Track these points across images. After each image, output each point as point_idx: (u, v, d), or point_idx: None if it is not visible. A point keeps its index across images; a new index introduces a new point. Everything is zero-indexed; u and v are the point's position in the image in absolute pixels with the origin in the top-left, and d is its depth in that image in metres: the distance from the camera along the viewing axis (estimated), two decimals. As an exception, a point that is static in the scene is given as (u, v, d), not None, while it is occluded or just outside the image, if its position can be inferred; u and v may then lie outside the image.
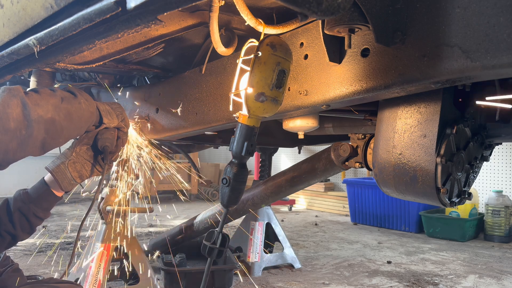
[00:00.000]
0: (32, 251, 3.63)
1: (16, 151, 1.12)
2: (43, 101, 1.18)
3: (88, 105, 1.31)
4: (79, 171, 1.40)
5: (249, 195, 2.28)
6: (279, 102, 1.15)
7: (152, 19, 0.92)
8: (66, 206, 6.12)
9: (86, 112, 1.31)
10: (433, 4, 0.95)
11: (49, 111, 1.18)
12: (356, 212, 5.22)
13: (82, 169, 1.40)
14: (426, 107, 1.24)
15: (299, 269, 3.19)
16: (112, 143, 1.42)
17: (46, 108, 1.17)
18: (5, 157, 1.10)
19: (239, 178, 1.20)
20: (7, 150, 1.09)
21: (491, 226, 4.30)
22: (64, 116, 1.22)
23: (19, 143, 1.11)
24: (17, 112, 1.10)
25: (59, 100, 1.22)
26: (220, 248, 1.23)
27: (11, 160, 1.13)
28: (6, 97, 1.10)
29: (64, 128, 1.23)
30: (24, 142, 1.12)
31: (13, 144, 1.10)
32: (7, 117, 1.08)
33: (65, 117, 1.22)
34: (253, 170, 6.20)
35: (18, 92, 1.13)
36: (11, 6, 1.22)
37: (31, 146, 1.15)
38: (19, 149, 1.12)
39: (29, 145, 1.14)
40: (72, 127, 1.27)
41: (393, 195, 1.39)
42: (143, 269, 2.25)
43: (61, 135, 1.23)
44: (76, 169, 1.39)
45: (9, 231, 1.34)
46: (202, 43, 1.70)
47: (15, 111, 1.10)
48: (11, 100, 1.10)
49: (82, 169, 1.40)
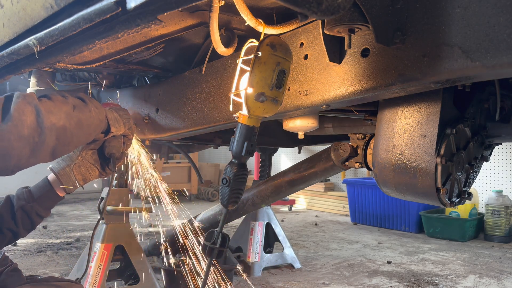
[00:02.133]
0: (32, 251, 3.63)
1: (29, 158, 1.13)
2: (56, 109, 1.19)
3: (98, 113, 1.33)
4: (83, 174, 1.43)
5: (249, 195, 2.28)
6: (279, 102, 1.15)
7: (152, 19, 0.92)
8: (66, 206, 6.12)
9: (96, 120, 1.33)
10: (433, 4, 0.95)
11: (61, 119, 1.19)
12: (356, 212, 5.22)
13: (87, 173, 1.44)
14: (426, 107, 1.24)
15: (299, 269, 3.19)
16: (118, 150, 1.45)
17: (58, 115, 1.19)
18: (18, 163, 1.12)
19: (239, 178, 1.20)
20: (20, 156, 1.11)
21: (491, 226, 4.30)
22: (75, 124, 1.24)
23: (32, 149, 1.12)
24: (31, 119, 1.11)
25: (71, 108, 1.24)
26: (220, 248, 1.23)
27: (23, 166, 1.15)
28: (20, 103, 1.11)
29: (74, 136, 1.24)
30: (36, 149, 1.14)
31: (26, 151, 1.11)
32: (21, 124, 1.09)
33: (75, 125, 1.24)
34: (253, 170, 6.20)
35: (33, 99, 1.14)
36: (11, 6, 1.22)
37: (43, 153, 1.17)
38: (32, 156, 1.14)
39: (41, 152, 1.16)
40: (82, 135, 1.29)
41: (393, 195, 1.39)
42: (143, 269, 2.25)
43: (71, 142, 1.25)
44: (81, 172, 1.42)
45: (11, 228, 1.36)
46: (202, 43, 1.70)
47: (29, 118, 1.11)
48: (25, 107, 1.11)
49: (86, 172, 1.44)
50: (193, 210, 5.69)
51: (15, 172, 1.15)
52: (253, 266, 2.99)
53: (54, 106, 1.19)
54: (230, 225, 4.49)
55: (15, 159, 1.10)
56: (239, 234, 3.19)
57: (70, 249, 3.74)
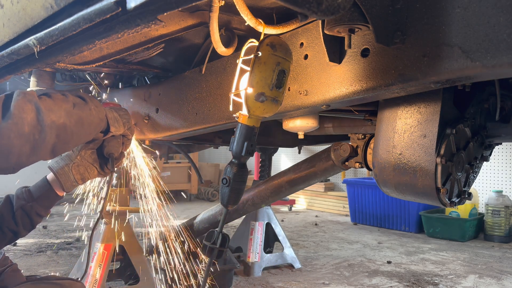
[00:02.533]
0: (32, 251, 3.63)
1: (29, 155, 1.14)
2: (56, 107, 1.19)
3: (98, 111, 1.34)
4: (82, 174, 1.44)
5: (249, 195, 2.28)
6: (279, 102, 1.15)
7: (152, 19, 0.92)
8: (66, 206, 6.11)
9: (96, 118, 1.33)
10: (433, 4, 0.95)
11: (61, 117, 1.19)
12: (356, 212, 5.22)
13: (85, 172, 1.44)
14: (426, 107, 1.24)
15: (299, 269, 3.19)
16: (117, 150, 1.46)
17: (58, 113, 1.19)
18: (18, 160, 1.12)
19: (239, 178, 1.20)
20: (21, 154, 1.11)
21: (491, 226, 4.30)
22: (75, 122, 1.24)
23: (32, 147, 1.13)
24: (31, 116, 1.12)
25: (71, 106, 1.24)
26: (220, 248, 1.23)
27: (23, 164, 1.15)
28: (21, 101, 1.11)
29: (74, 134, 1.25)
30: (37, 147, 1.14)
31: (26, 148, 1.11)
32: (22, 121, 1.10)
33: (75, 123, 1.24)
34: (253, 170, 6.20)
35: (33, 97, 1.15)
36: (11, 6, 1.22)
37: (43, 151, 1.18)
38: (32, 153, 1.14)
39: (42, 149, 1.16)
40: (82, 133, 1.29)
41: (393, 195, 1.39)
42: (143, 269, 2.25)
43: (71, 140, 1.26)
44: (80, 172, 1.43)
45: (12, 228, 1.37)
46: (202, 43, 1.70)
47: (30, 115, 1.12)
48: (26, 105, 1.12)
49: (85, 172, 1.44)
50: (193, 210, 5.68)
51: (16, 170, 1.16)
52: (253, 266, 2.99)
53: (54, 104, 1.19)
54: (230, 225, 4.49)
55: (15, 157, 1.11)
56: (239, 234, 3.19)
57: (70, 249, 3.74)
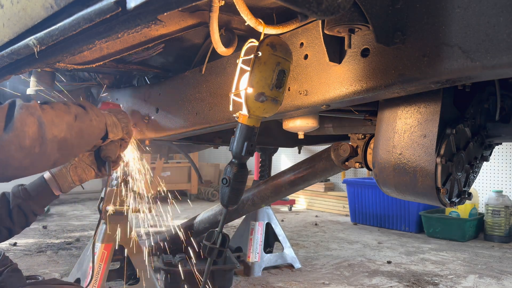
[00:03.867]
0: (32, 251, 3.63)
1: (28, 168, 1.15)
2: (58, 119, 1.20)
3: (98, 121, 1.35)
4: (80, 175, 1.46)
5: (249, 195, 2.28)
6: (279, 102, 1.15)
7: (152, 19, 0.92)
8: (66, 206, 6.12)
9: (96, 129, 1.34)
10: (433, 4, 0.95)
11: (63, 131, 1.20)
12: (356, 212, 5.22)
13: (83, 174, 1.46)
14: (426, 107, 1.24)
15: (299, 269, 3.19)
16: (114, 154, 1.48)
17: (60, 127, 1.20)
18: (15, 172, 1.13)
19: (239, 178, 1.20)
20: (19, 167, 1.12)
21: (491, 226, 4.30)
22: (76, 134, 1.25)
23: (32, 160, 1.14)
24: (33, 130, 1.12)
25: (73, 118, 1.25)
26: (220, 248, 1.23)
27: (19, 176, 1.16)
28: (23, 114, 1.12)
29: (74, 146, 1.26)
30: (37, 160, 1.15)
31: (26, 162, 1.12)
32: (23, 135, 1.10)
33: (76, 135, 1.25)
34: (253, 170, 6.20)
35: (35, 110, 1.15)
36: (11, 6, 1.22)
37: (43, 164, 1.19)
38: (31, 167, 1.15)
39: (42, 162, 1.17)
40: (82, 144, 1.31)
41: (393, 195, 1.39)
42: (143, 269, 2.25)
43: (71, 153, 1.27)
44: (77, 173, 1.45)
45: (7, 226, 1.38)
46: (202, 43, 1.70)
47: (32, 129, 1.12)
48: (28, 118, 1.12)
49: (82, 173, 1.46)
50: (193, 210, 5.69)
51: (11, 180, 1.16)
52: (253, 266, 2.99)
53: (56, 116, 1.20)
54: (230, 225, 4.49)
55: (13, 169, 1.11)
56: (239, 234, 3.19)
57: (70, 249, 3.74)
